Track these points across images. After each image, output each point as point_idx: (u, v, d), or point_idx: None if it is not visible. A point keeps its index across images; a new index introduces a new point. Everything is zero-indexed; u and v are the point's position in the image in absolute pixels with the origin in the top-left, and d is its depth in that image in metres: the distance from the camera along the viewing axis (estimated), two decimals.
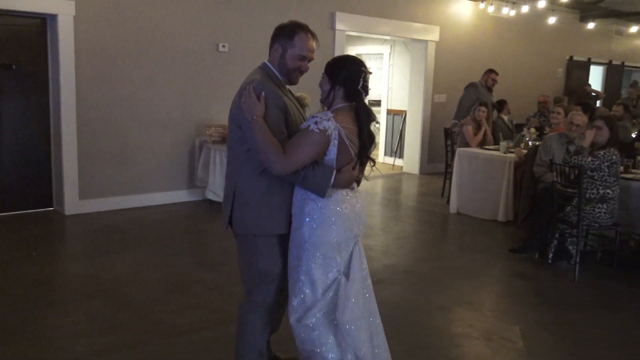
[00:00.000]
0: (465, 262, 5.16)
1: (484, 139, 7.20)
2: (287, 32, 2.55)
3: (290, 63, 2.55)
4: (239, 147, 2.50)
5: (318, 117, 2.39)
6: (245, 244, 2.58)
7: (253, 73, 2.58)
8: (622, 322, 3.95)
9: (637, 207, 5.02)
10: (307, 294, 2.48)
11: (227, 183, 2.60)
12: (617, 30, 13.46)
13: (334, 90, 2.49)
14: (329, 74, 2.51)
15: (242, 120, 2.43)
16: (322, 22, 8.00)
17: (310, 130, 2.36)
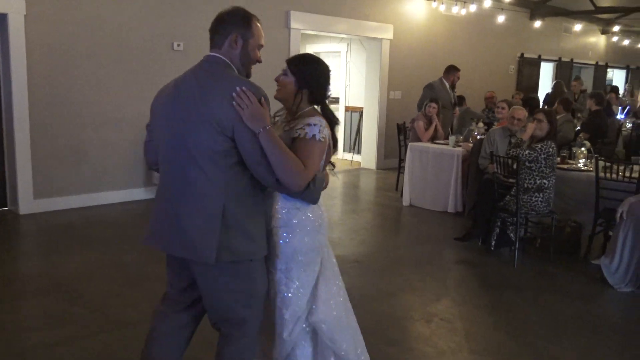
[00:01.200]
0: (414, 251, 5.38)
1: (434, 134, 7.46)
2: (242, 19, 2.25)
3: (253, 55, 2.27)
4: (225, 161, 2.11)
5: (318, 125, 2.25)
6: (235, 272, 2.20)
7: (218, 70, 2.20)
8: (556, 303, 4.21)
9: (572, 195, 5.33)
10: (300, 305, 2.37)
11: (206, 205, 2.13)
12: (566, 28, 13.98)
13: (301, 93, 2.34)
14: (297, 73, 2.34)
15: (239, 129, 2.07)
16: (277, 21, 8.14)
17: (318, 140, 2.22)
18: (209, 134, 2.08)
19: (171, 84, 2.30)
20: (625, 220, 4.46)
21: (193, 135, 2.11)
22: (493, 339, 3.57)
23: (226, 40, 2.22)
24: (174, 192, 2.19)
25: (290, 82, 2.34)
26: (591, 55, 15.40)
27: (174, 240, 2.20)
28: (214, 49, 2.26)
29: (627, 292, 4.41)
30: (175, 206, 2.18)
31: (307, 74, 2.35)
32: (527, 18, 12.62)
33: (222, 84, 2.12)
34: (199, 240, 2.12)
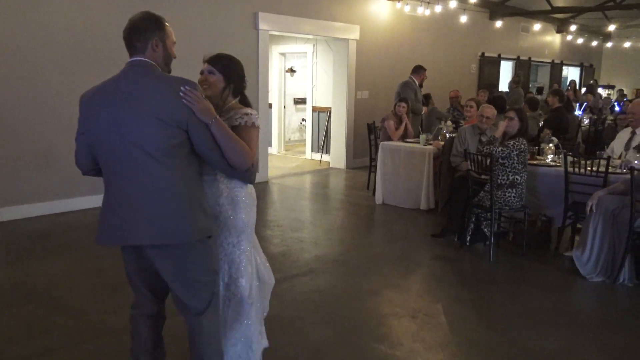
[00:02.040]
0: (391, 249, 5.45)
1: (405, 133, 7.57)
2: (157, 23, 2.43)
3: (171, 53, 2.49)
4: (181, 151, 2.32)
5: (254, 114, 2.61)
6: (198, 250, 2.39)
7: (151, 72, 2.37)
8: (533, 294, 4.35)
9: (542, 190, 5.50)
10: (250, 272, 2.70)
11: (173, 192, 2.31)
12: (523, 27, 14.40)
13: (228, 88, 2.67)
14: (224, 71, 2.66)
15: (192, 122, 2.30)
16: (246, 22, 8.11)
17: (257, 127, 2.58)
18: (163, 130, 2.26)
19: (100, 89, 2.40)
20: (594, 213, 4.64)
21: (147, 133, 2.26)
22: (477, 332, 3.67)
23: (148, 45, 2.38)
24: (134, 187, 2.31)
25: (219, 79, 2.65)
26: (547, 53, 15.90)
27: (142, 231, 2.31)
28: (137, 54, 2.38)
29: (598, 282, 4.59)
30: (139, 199, 2.31)
31: (232, 70, 2.69)
32: (487, 18, 12.94)
33: (165, 84, 2.34)
34: (174, 225, 2.31)
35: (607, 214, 4.59)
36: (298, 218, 6.70)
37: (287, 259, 5.00)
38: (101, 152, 2.38)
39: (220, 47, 7.58)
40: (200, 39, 7.50)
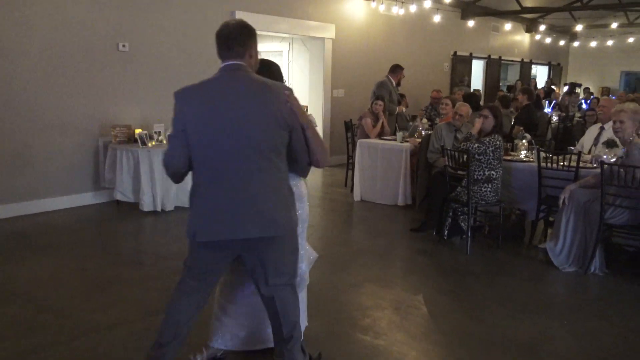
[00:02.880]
0: (372, 244, 5.57)
1: (381, 130, 7.70)
2: (254, 33, 2.61)
3: (257, 61, 2.69)
4: (283, 150, 2.54)
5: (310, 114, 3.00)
6: (288, 241, 2.65)
7: (257, 76, 2.56)
8: (510, 285, 4.52)
9: (516, 185, 5.68)
10: (301, 267, 3.04)
11: (278, 188, 2.55)
12: (494, 27, 14.70)
13: None
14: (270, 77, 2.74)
15: (296, 125, 2.52)
16: (222, 21, 8.10)
17: (316, 125, 2.84)
18: (277, 130, 2.48)
19: (208, 89, 2.50)
20: (567, 206, 4.83)
21: (264, 134, 2.45)
22: (458, 322, 3.80)
23: (246, 52, 2.53)
24: (244, 184, 2.47)
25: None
26: (517, 52, 16.25)
27: (249, 224, 2.49)
28: (235, 59, 2.52)
29: (570, 272, 4.78)
30: (249, 195, 2.48)
31: (273, 75, 2.83)
32: (460, 18, 13.18)
33: (275, 88, 2.51)
34: (280, 217, 2.55)
35: (579, 207, 4.78)
36: None
37: None
38: (206, 152, 2.46)
39: (197, 46, 7.65)
40: (178, 39, 7.51)
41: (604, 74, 18.31)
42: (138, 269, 4.71)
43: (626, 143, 4.62)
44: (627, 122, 4.54)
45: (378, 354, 3.33)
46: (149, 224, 6.16)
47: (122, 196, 6.46)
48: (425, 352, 3.40)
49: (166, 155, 2.54)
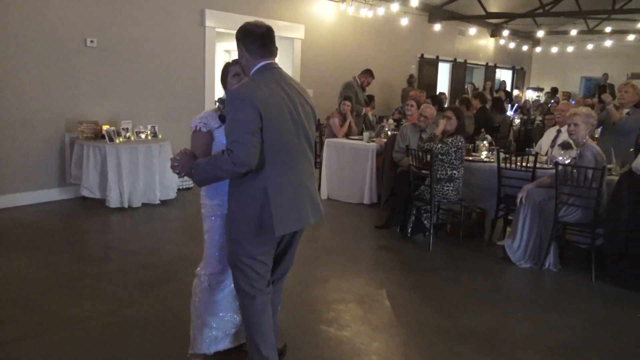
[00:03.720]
0: (338, 240, 5.70)
1: (349, 130, 7.85)
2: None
3: None
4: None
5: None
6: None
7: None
8: (470, 280, 4.70)
9: (477, 184, 5.89)
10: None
11: (314, 178, 2.86)
12: (460, 31, 15.04)
13: None
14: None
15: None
16: (192, 19, 8.16)
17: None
18: (314, 126, 2.80)
19: (273, 89, 2.58)
20: (524, 205, 5.05)
21: (310, 127, 2.73)
22: (420, 315, 3.96)
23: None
24: (306, 177, 2.73)
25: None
26: (482, 56, 16.64)
27: (312, 213, 2.76)
28: (272, 58, 2.70)
29: (527, 268, 5.00)
30: (309, 187, 2.75)
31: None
32: (427, 21, 13.44)
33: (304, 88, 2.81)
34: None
35: (535, 206, 5.00)
36: None
37: None
38: (280, 149, 2.59)
39: (167, 44, 7.67)
40: (147, 36, 7.51)
41: (565, 79, 18.87)
42: (106, 265, 4.73)
43: (579, 145, 4.86)
44: (580, 125, 4.78)
45: (341, 344, 3.45)
46: (116, 220, 6.15)
47: (88, 192, 6.43)
48: (387, 342, 3.54)
49: (244, 154, 2.47)
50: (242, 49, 2.66)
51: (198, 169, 2.64)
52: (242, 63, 2.71)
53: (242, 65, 2.72)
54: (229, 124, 2.52)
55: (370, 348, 3.44)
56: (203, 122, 2.85)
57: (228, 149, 2.48)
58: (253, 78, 2.61)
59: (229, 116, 2.52)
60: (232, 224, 2.67)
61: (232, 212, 2.68)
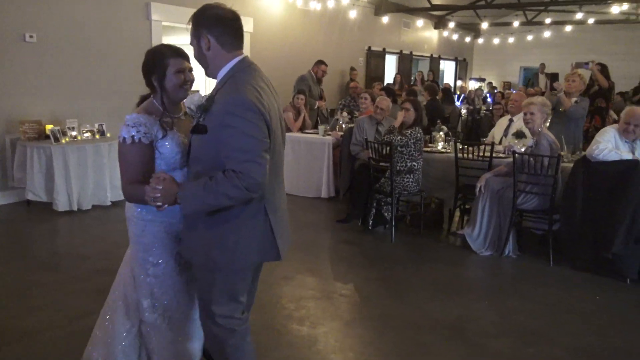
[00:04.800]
0: (299, 236, 5.61)
1: (303, 124, 7.78)
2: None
3: None
4: None
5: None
6: None
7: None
8: (433, 270, 4.74)
9: (435, 175, 5.94)
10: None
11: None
12: (405, 23, 15.20)
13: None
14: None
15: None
16: (138, 12, 7.85)
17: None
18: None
19: (262, 88, 2.18)
20: (482, 194, 5.12)
21: (284, 132, 2.38)
22: (389, 307, 3.95)
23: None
24: (283, 185, 2.43)
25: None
26: (426, 48, 16.89)
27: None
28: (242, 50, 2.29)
29: (487, 256, 5.08)
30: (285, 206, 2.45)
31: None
32: (373, 14, 13.50)
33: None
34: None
35: (494, 194, 5.09)
36: None
37: None
38: (275, 161, 2.22)
39: (111, 37, 7.36)
40: (91, 30, 7.17)
41: (505, 69, 19.42)
42: (57, 272, 4.48)
43: (535, 133, 4.96)
44: (536, 114, 4.88)
45: (316, 342, 3.40)
46: (65, 224, 5.86)
47: (33, 196, 6.09)
48: (360, 337, 3.50)
49: (262, 177, 2.03)
50: (208, 40, 2.18)
51: (189, 198, 2.08)
52: (206, 56, 2.21)
53: (205, 59, 2.22)
54: (241, 137, 2.02)
55: (344, 344, 3.40)
56: (142, 130, 2.29)
57: (237, 170, 2.00)
58: (245, 79, 2.14)
59: (239, 128, 2.02)
60: (233, 252, 2.21)
61: (232, 240, 2.20)
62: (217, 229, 2.19)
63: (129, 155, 2.29)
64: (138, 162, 2.30)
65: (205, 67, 2.26)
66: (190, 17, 2.25)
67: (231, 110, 2.04)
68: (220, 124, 2.06)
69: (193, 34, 2.23)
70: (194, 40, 2.24)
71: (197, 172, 2.20)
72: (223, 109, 2.07)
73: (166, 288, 2.50)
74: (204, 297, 2.34)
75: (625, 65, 13.55)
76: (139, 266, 2.51)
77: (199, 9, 2.24)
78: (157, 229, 2.44)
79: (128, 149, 2.29)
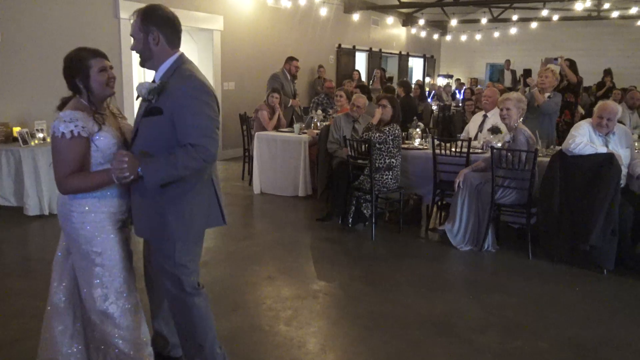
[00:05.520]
0: (279, 236, 5.58)
1: (278, 123, 7.72)
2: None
3: None
4: None
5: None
6: None
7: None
8: (415, 266, 4.76)
9: (413, 171, 5.97)
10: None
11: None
12: (374, 20, 15.25)
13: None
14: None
15: None
16: (105, 10, 7.67)
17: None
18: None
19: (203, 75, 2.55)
20: (461, 189, 5.17)
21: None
22: (373, 303, 3.95)
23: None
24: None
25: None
26: (395, 45, 16.99)
27: None
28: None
29: (467, 251, 5.13)
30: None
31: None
32: (342, 11, 13.51)
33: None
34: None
35: (472, 189, 5.14)
36: None
37: None
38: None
39: (79, 36, 7.17)
40: (58, 28, 6.97)
41: (472, 66, 19.70)
42: (30, 279, 4.33)
43: (512, 129, 5.03)
44: (512, 110, 4.95)
45: (305, 343, 3.36)
46: (36, 229, 5.68)
47: (3, 200, 5.89)
48: (350, 337, 3.48)
49: (215, 149, 2.43)
50: (155, 36, 2.46)
51: (151, 171, 2.36)
52: (151, 50, 2.48)
53: (150, 52, 2.49)
54: (198, 115, 2.37)
55: (334, 344, 3.37)
56: (80, 124, 2.40)
57: (195, 144, 2.35)
58: (192, 69, 2.48)
59: (196, 107, 2.37)
60: (190, 221, 2.53)
61: (187, 211, 2.51)
62: (174, 202, 2.48)
63: (69, 149, 2.40)
64: (77, 155, 2.42)
65: (147, 58, 2.52)
66: (137, 13, 2.50)
67: (190, 93, 2.38)
68: (180, 105, 2.37)
69: (140, 28, 2.47)
70: (139, 34, 2.48)
71: (144, 151, 2.45)
72: (181, 93, 2.38)
73: (115, 275, 2.57)
74: (168, 270, 2.56)
75: (588, 61, 13.86)
76: (83, 259, 2.56)
77: (149, 8, 2.50)
78: (99, 218, 2.53)
79: (67, 144, 2.39)
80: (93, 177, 2.43)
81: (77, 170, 2.42)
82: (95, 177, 2.43)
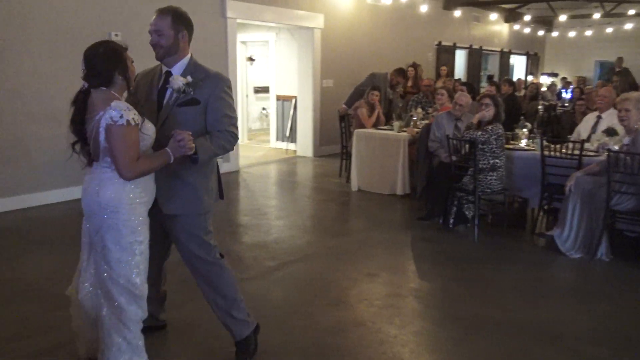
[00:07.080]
0: (377, 233, 5.58)
1: (377, 120, 7.70)
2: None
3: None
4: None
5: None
6: None
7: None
8: (518, 271, 4.58)
9: (518, 173, 5.74)
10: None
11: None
12: (475, 17, 14.83)
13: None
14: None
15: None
16: (213, 10, 8.00)
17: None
18: None
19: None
20: (573, 193, 4.90)
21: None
22: (476, 307, 3.84)
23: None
24: None
25: None
26: (497, 42, 16.42)
27: None
28: None
29: (577, 258, 4.86)
30: None
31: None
32: (442, 8, 13.24)
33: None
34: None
35: (585, 194, 4.86)
36: (279, 206, 6.74)
37: (280, 246, 5.05)
38: None
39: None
40: None
41: (579, 64, 18.62)
42: None
43: (631, 131, 4.71)
44: (632, 111, 4.63)
45: (408, 342, 3.34)
46: None
47: None
48: (452, 338, 3.41)
49: (238, 133, 2.88)
50: (184, 35, 2.77)
51: (204, 148, 2.68)
52: (177, 47, 2.75)
53: (177, 48, 2.75)
54: (230, 107, 2.80)
55: (438, 345, 3.33)
56: (132, 112, 2.46)
57: (227, 130, 2.77)
58: (207, 67, 2.85)
59: (228, 101, 2.79)
60: (205, 197, 2.86)
61: (211, 186, 2.90)
62: (205, 179, 2.86)
63: (131, 137, 2.47)
64: (136, 142, 2.52)
65: (172, 53, 2.76)
66: (166, 12, 2.73)
67: (222, 87, 2.79)
68: (216, 97, 2.76)
69: (171, 26, 2.72)
70: (170, 31, 2.71)
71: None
72: (217, 86, 2.77)
73: (147, 260, 2.71)
74: (204, 239, 2.89)
75: None
76: (124, 252, 2.59)
77: (180, 9, 2.79)
78: (143, 209, 2.65)
79: (132, 130, 2.47)
80: (156, 159, 2.59)
81: (138, 154, 2.53)
82: (158, 158, 2.59)
